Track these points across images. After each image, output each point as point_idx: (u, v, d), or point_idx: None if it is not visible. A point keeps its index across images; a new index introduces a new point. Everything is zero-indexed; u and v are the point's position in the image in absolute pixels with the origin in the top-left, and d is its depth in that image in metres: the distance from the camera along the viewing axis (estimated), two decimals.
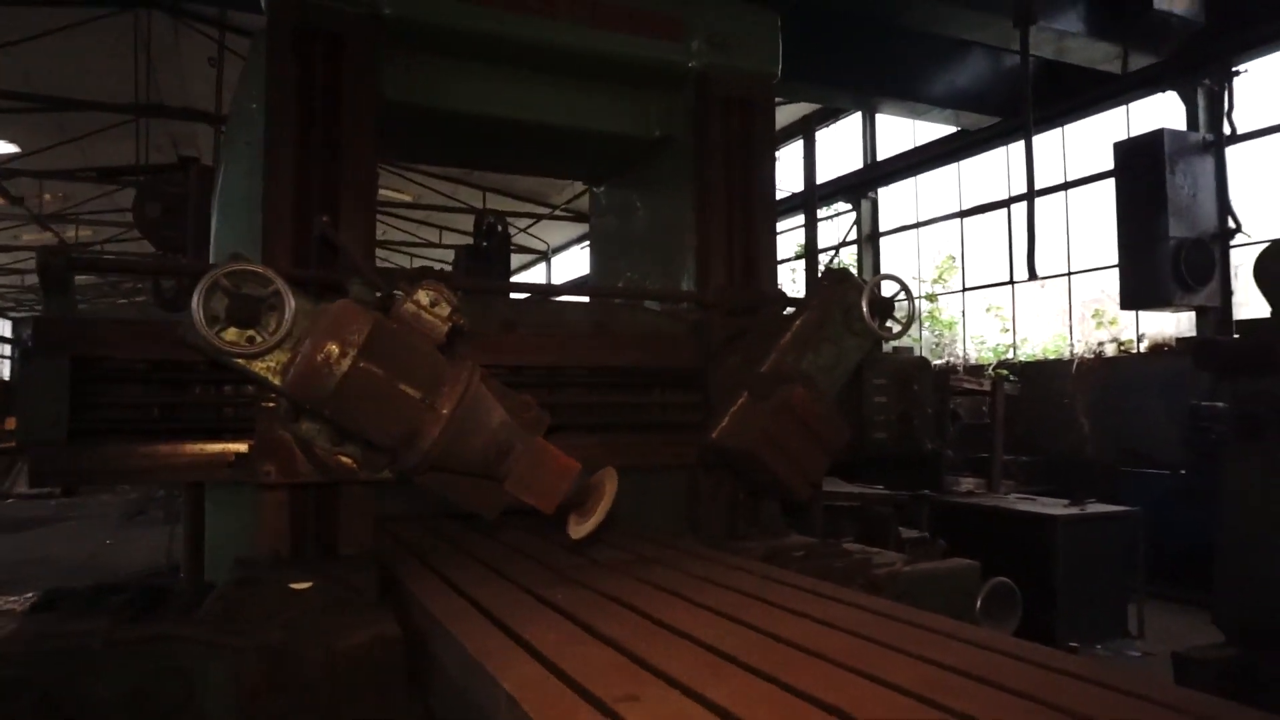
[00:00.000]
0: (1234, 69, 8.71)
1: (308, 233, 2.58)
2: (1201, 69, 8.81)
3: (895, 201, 13.95)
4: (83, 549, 9.11)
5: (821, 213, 14.44)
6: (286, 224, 2.60)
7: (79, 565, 8.15)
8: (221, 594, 2.20)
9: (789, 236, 14.56)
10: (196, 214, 3.82)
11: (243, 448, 2.36)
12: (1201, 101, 8.92)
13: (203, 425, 2.43)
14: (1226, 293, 8.76)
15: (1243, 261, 8.68)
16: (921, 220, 13.36)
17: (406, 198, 16.45)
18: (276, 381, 1.93)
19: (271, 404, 2.27)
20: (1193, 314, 8.95)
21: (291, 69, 2.67)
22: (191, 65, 11.29)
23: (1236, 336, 3.86)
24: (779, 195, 11.83)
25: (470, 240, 7.83)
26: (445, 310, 1.99)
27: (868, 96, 10.22)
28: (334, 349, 1.84)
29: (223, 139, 4.52)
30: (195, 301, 1.85)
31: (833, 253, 13.98)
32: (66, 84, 11.27)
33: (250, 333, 1.91)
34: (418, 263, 18.24)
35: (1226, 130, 8.77)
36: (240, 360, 1.91)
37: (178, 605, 2.55)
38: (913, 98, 9.95)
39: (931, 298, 13.26)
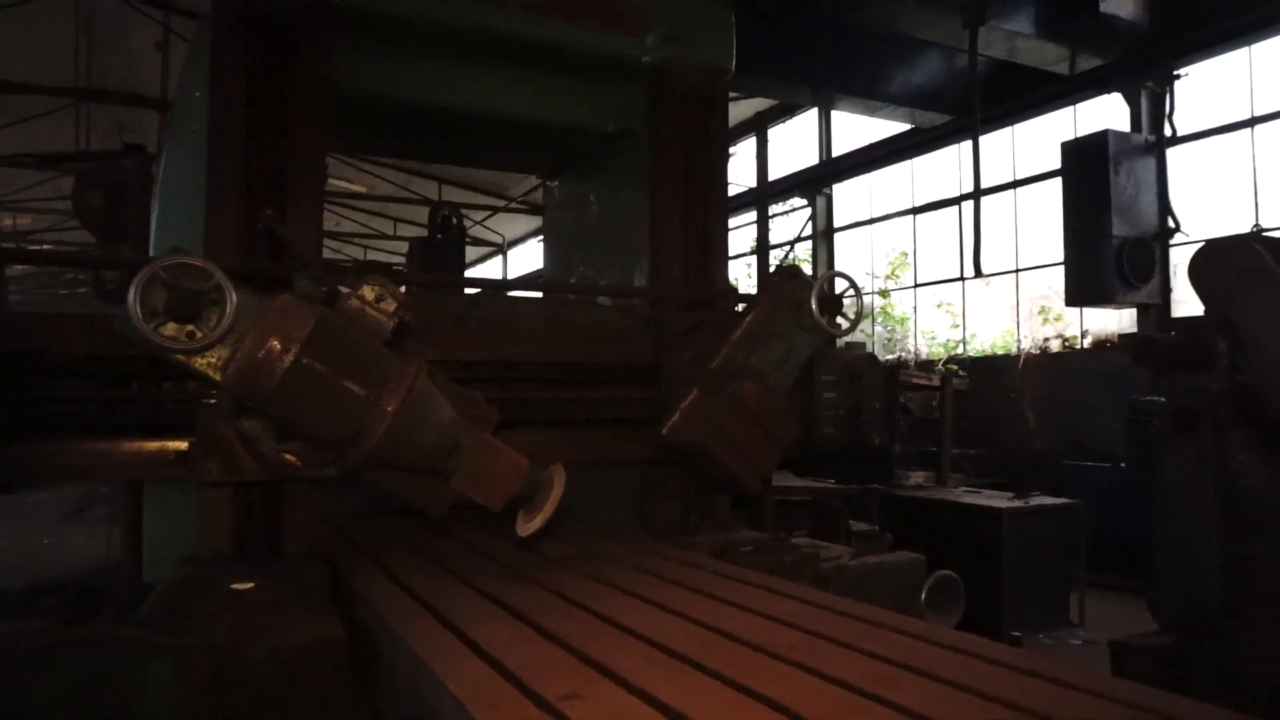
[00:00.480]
0: (1175, 72, 8.95)
1: (253, 225, 2.52)
2: (1145, 71, 9.04)
3: (850, 198, 14.11)
4: (19, 549, 8.84)
5: (777, 208, 14.55)
6: (231, 216, 2.54)
7: (15, 565, 7.90)
8: (163, 594, 2.15)
9: (744, 232, 14.66)
10: (137, 204, 3.72)
11: (183, 445, 2.31)
12: (1145, 104, 9.16)
13: (141, 422, 2.37)
14: (1166, 290, 9.03)
15: (1182, 260, 8.94)
16: (875, 216, 13.54)
17: (360, 189, 16.21)
18: (217, 377, 1.89)
19: (213, 400, 2.22)
20: (1134, 311, 9.21)
21: (237, 56, 2.61)
22: (139, 49, 10.98)
23: (1174, 334, 3.97)
24: (734, 191, 11.89)
25: (425, 232, 7.75)
26: (391, 306, 1.97)
27: (825, 92, 10.31)
28: (276, 345, 1.80)
29: (165, 126, 4.42)
30: (132, 295, 1.80)
31: (788, 248, 14.10)
32: (5, 66, 10.88)
33: (190, 328, 1.87)
34: (371, 255, 18.00)
35: (1167, 132, 9.02)
36: (180, 356, 1.87)
37: (116, 606, 2.49)
38: (869, 95, 10.07)
39: (884, 293, 13.44)
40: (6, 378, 2.17)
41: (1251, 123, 8.64)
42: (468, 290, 3.99)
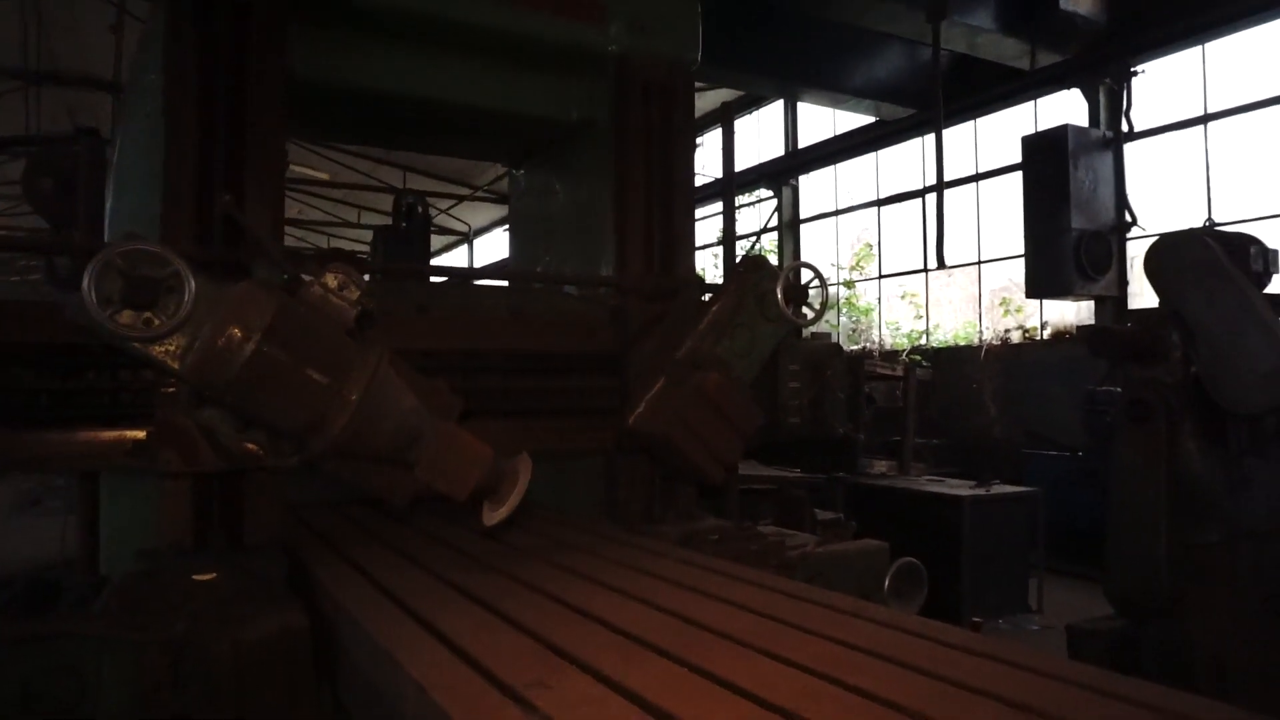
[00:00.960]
0: (1132, 69, 9.12)
1: (210, 211, 2.48)
2: (1103, 68, 9.21)
3: (816, 189, 14.20)
4: None
5: (744, 199, 14.61)
6: (188, 202, 2.49)
7: None
8: (120, 587, 2.11)
9: (710, 223, 14.70)
10: (90, 189, 3.63)
11: (140, 435, 2.26)
12: (1102, 100, 9.33)
13: (97, 412, 2.32)
14: (1123, 283, 9.22)
15: (1138, 254, 9.14)
16: (841, 208, 13.64)
17: (323, 176, 15.95)
18: (175, 366, 1.85)
19: (171, 390, 2.18)
20: (1092, 303, 9.39)
21: (193, 38, 2.55)
22: (91, 30, 10.68)
23: (1129, 326, 4.06)
24: (700, 182, 11.93)
25: (389, 221, 7.66)
26: (354, 294, 1.94)
27: (790, 85, 10.37)
28: (236, 333, 1.77)
29: (119, 110, 4.31)
30: (86, 282, 1.76)
31: (754, 239, 14.17)
32: None
33: (147, 315, 1.83)
34: (335, 243, 17.75)
35: (1124, 128, 9.20)
36: (136, 344, 1.83)
37: (71, 600, 2.44)
38: (834, 87, 10.13)
39: (849, 284, 13.56)
40: None
41: (1205, 119, 8.84)
42: (433, 279, 3.97)
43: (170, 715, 1.88)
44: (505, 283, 4.23)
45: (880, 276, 13.18)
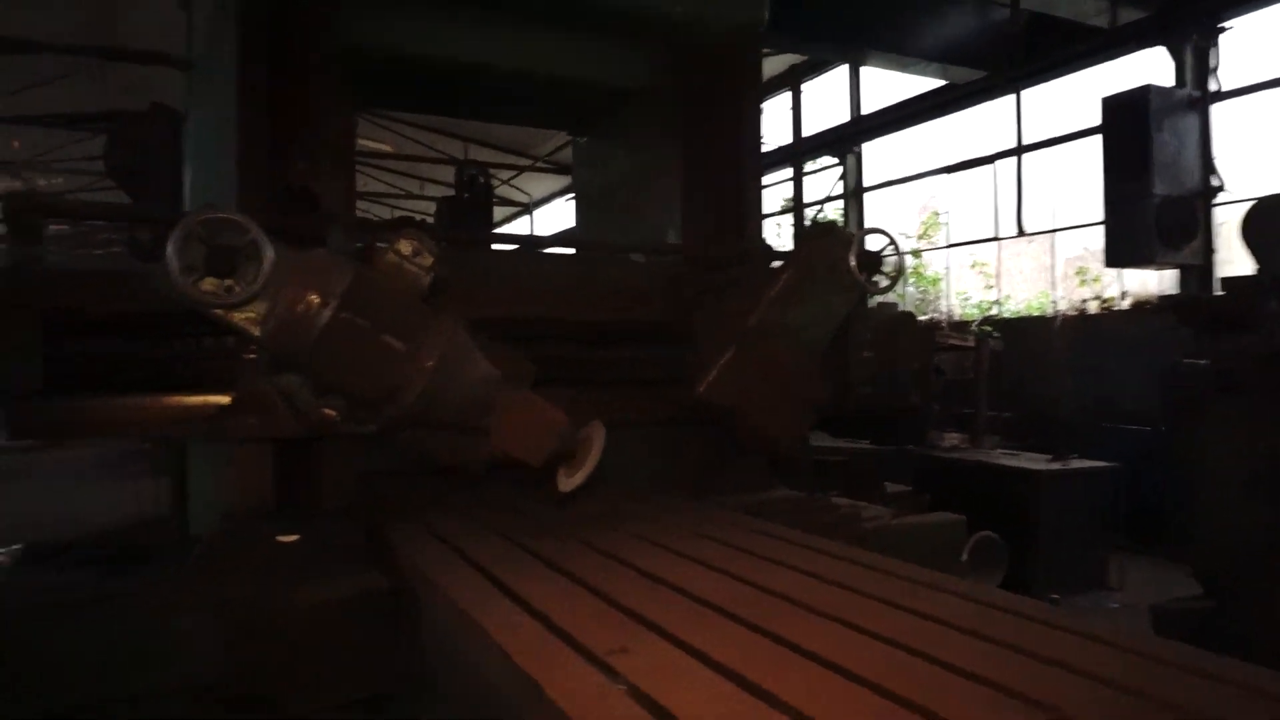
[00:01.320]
0: (1220, 25, 8.63)
1: (284, 181, 2.51)
2: (1189, 24, 8.73)
3: (881, 156, 13.84)
4: (63, 501, 9.02)
5: (807, 167, 14.34)
6: (261, 172, 2.53)
7: (59, 518, 8.07)
8: (206, 548, 2.18)
9: (776, 190, 14.48)
10: (167, 162, 3.72)
11: (224, 400, 2.32)
12: (1189, 58, 8.85)
13: (182, 378, 2.38)
14: (1209, 251, 8.79)
15: (1225, 220, 8.70)
16: (907, 175, 13.28)
17: (385, 148, 16.14)
18: (256, 332, 1.88)
19: (252, 356, 2.23)
20: (1176, 272, 8.99)
21: (263, 13, 2.58)
22: (161, 7, 10.93)
23: (1220, 294, 3.87)
24: (765, 148, 11.73)
25: (451, 192, 7.71)
26: (427, 260, 1.94)
27: (853, 49, 10.08)
28: (314, 299, 1.79)
29: (192, 86, 4.41)
30: (170, 250, 1.79)
31: (818, 207, 13.92)
32: (25, 27, 10.87)
33: (228, 283, 1.86)
34: (398, 214, 17.96)
35: (1212, 87, 8.73)
36: (218, 310, 1.87)
37: (161, 559, 2.53)
38: (899, 50, 9.82)
39: (916, 253, 13.25)
40: (49, 335, 2.19)
41: None
42: (494, 247, 3.98)
43: (252, 672, 1.93)
44: (572, 250, 4.22)
45: (950, 245, 12.83)
